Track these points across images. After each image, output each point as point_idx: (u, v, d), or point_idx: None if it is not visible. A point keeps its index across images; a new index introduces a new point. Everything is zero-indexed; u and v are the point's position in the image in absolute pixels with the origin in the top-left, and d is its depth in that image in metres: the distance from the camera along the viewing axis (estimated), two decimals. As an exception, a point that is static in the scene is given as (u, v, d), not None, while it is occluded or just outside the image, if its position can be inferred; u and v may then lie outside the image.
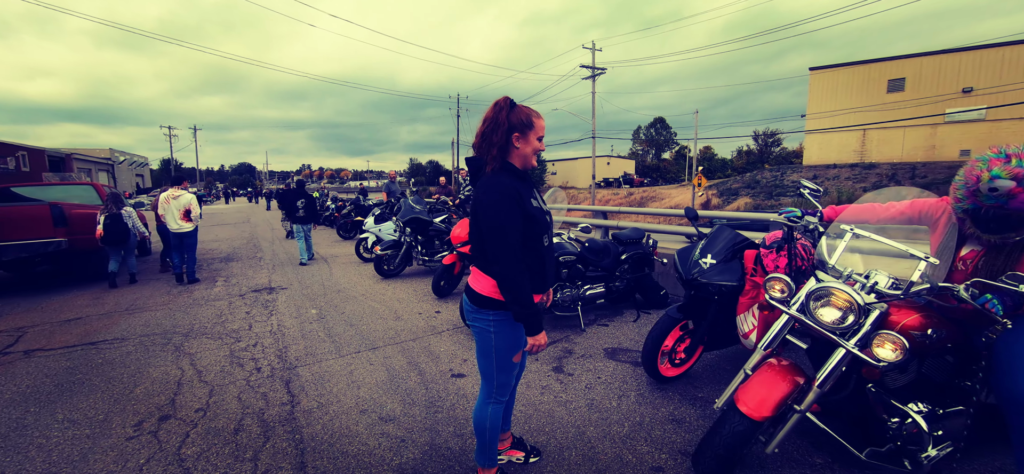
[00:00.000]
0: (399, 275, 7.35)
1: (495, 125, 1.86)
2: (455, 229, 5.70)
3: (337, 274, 7.78)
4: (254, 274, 8.01)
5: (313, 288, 6.73)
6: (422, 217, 6.92)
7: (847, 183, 30.01)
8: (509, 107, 1.89)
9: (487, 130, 1.87)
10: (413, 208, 7.04)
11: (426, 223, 6.97)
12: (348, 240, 12.61)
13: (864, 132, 33.22)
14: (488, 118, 1.88)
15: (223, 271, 8.38)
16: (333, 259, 9.40)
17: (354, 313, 5.32)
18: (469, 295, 1.98)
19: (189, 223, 7.26)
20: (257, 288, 6.83)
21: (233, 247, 11.89)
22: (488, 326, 1.93)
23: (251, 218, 22.85)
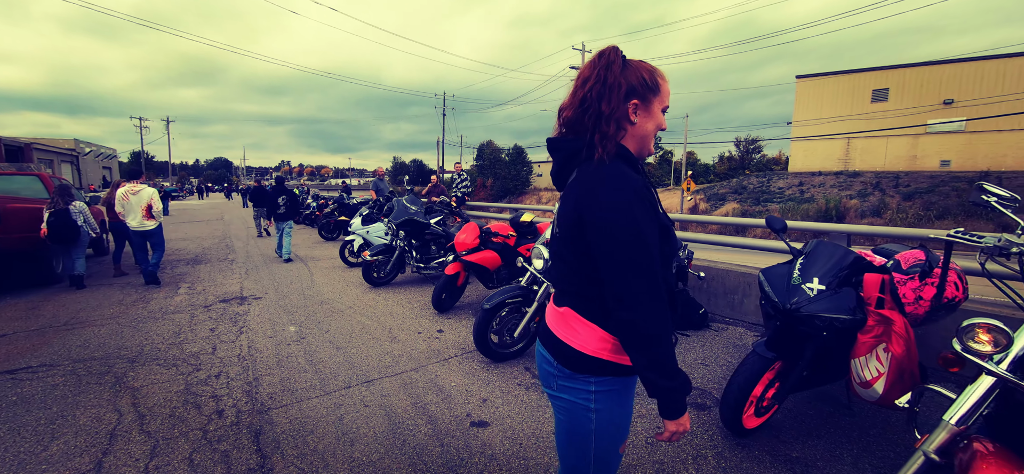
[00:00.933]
0: (390, 283, 6.55)
1: (605, 88, 1.15)
2: (460, 235, 4.95)
3: (319, 281, 6.93)
4: (224, 279, 7.09)
5: (292, 298, 5.88)
6: (418, 219, 6.14)
7: (833, 191, 30.28)
8: (622, 62, 1.18)
9: (592, 94, 1.16)
10: (408, 209, 6.26)
11: (422, 226, 6.20)
12: (331, 241, 11.69)
13: (848, 141, 33.66)
14: (590, 77, 1.18)
15: (189, 275, 7.42)
16: (314, 262, 8.51)
17: (341, 332, 4.51)
18: (553, 349, 1.26)
19: (152, 220, 6.61)
20: (226, 297, 5.94)
21: (203, 247, 10.84)
22: (588, 400, 1.22)
23: (225, 215, 21.54)
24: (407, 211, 6.22)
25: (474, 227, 4.97)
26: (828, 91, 34.08)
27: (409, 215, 6.14)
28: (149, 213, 6.54)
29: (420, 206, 6.36)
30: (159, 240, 6.77)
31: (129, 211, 6.48)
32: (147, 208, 6.53)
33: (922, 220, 22.46)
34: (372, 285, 6.41)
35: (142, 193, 6.55)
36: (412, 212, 6.21)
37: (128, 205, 6.47)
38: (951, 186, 26.36)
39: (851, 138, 32.92)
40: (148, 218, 6.55)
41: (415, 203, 6.38)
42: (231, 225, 16.68)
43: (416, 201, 6.42)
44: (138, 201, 6.49)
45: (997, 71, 27.88)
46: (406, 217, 6.13)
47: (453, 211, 9.25)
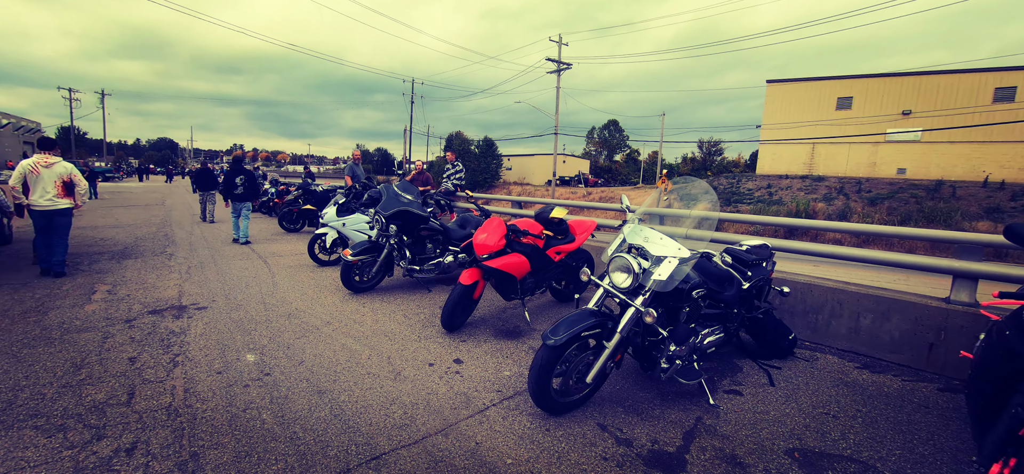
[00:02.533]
0: (374, 288, 5.32)
1: None
2: (480, 234, 3.83)
3: (284, 283, 5.58)
4: (158, 280, 5.59)
5: (249, 308, 4.54)
6: (414, 211, 4.94)
7: (800, 194, 31.03)
8: None
9: None
10: (400, 198, 5.04)
11: (418, 220, 5.01)
12: (293, 232, 10.15)
13: (813, 146, 34.69)
14: None
15: (111, 273, 5.85)
16: (275, 259, 7.08)
17: (321, 363, 3.29)
18: None
19: (67, 200, 5.59)
20: (159, 306, 4.52)
21: (136, 237, 9.06)
22: None
23: (167, 200, 19.13)
24: (399, 201, 5.00)
25: (500, 224, 3.85)
26: (796, 96, 34.96)
27: (403, 206, 4.93)
28: (66, 190, 5.53)
29: (415, 195, 5.15)
30: (63, 223, 5.62)
31: (37, 186, 5.36)
32: (63, 183, 5.50)
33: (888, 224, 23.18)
34: (353, 291, 5.15)
35: (57, 166, 5.50)
36: (406, 202, 5.00)
37: (37, 180, 5.36)
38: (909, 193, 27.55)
39: (816, 143, 33.96)
40: (64, 196, 5.53)
41: (409, 191, 5.17)
42: (173, 211, 14.60)
43: (410, 189, 5.21)
44: (51, 175, 5.43)
45: (952, 86, 29.37)
46: (399, 208, 4.91)
47: (445, 205, 8.06)
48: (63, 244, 5.66)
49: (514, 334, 4.05)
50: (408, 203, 4.96)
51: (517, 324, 4.31)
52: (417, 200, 5.04)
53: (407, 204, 4.94)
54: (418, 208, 4.95)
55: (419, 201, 5.05)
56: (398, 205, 4.90)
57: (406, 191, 5.13)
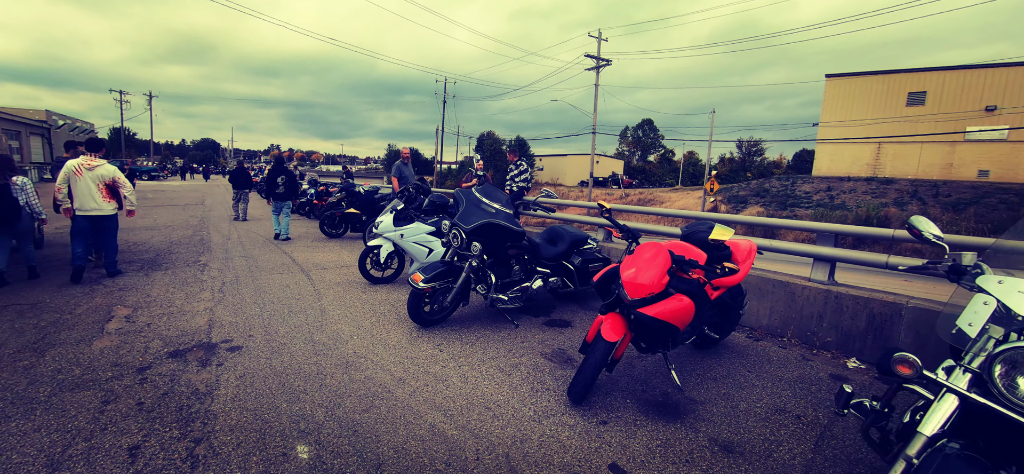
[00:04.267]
0: (445, 320, 4.19)
1: None
2: (629, 267, 2.62)
3: (333, 309, 4.53)
4: (187, 301, 4.65)
5: (294, 350, 3.48)
6: (507, 225, 3.76)
7: (866, 197, 28.47)
8: None
9: None
10: (485, 207, 3.88)
11: (511, 236, 3.84)
12: (336, 238, 9.23)
13: (879, 145, 31.88)
14: None
15: (135, 290, 4.96)
16: (319, 273, 6.09)
17: (409, 465, 2.16)
18: None
19: (112, 203, 5.39)
20: (182, 345, 3.52)
21: (170, 241, 8.32)
22: None
23: (206, 199, 18.84)
24: (485, 211, 3.83)
25: (660, 253, 2.61)
26: (859, 92, 32.19)
27: (490, 218, 3.76)
28: (110, 193, 5.35)
29: (506, 203, 3.96)
30: (110, 227, 5.45)
31: (79, 189, 5.13)
32: (107, 186, 5.31)
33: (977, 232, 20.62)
34: (421, 324, 4.03)
35: (100, 169, 5.26)
36: (494, 214, 3.82)
37: (79, 182, 5.13)
38: (997, 197, 24.67)
39: (883, 142, 31.15)
40: (109, 199, 5.34)
41: (495, 197, 3.99)
42: (211, 211, 14.07)
43: (496, 195, 4.03)
44: (94, 178, 5.21)
45: (1047, 78, 26.18)
46: (485, 220, 3.74)
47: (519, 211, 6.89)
48: (112, 245, 5.52)
49: (668, 409, 2.81)
50: (497, 214, 3.79)
51: (662, 388, 3.08)
52: (508, 209, 3.86)
53: (495, 216, 3.77)
54: (511, 221, 3.77)
55: (511, 211, 3.87)
56: (484, 217, 3.74)
57: (491, 198, 3.96)
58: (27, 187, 5.33)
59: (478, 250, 3.76)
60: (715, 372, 3.35)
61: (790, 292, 3.93)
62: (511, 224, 3.71)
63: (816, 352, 3.78)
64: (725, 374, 3.33)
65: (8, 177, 5.07)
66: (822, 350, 3.79)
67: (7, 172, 5.07)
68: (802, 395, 3.06)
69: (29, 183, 5.40)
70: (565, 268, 4.62)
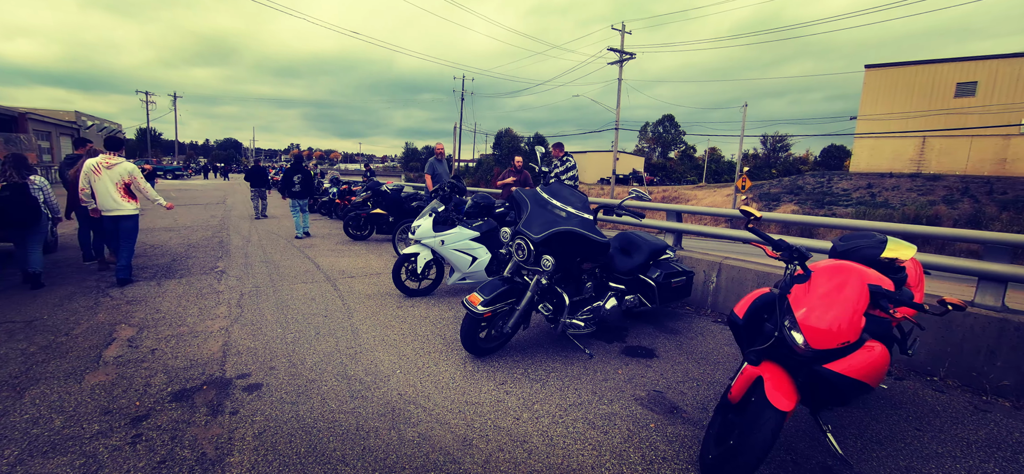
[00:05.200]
0: (505, 346, 3.45)
1: None
2: (813, 307, 1.80)
3: (367, 330, 3.85)
4: (200, 317, 4.02)
5: (324, 390, 2.80)
6: (586, 233, 2.98)
7: (910, 195, 26.84)
8: None
9: None
10: (556, 210, 3.12)
11: (591, 247, 3.07)
12: (361, 240, 8.61)
13: (924, 139, 30.06)
14: None
15: (144, 303, 4.37)
16: (346, 283, 5.43)
17: None
18: None
19: (132, 202, 5.17)
20: (190, 382, 2.87)
21: (188, 244, 7.81)
22: None
23: (228, 198, 18.56)
24: (559, 217, 3.07)
25: (855, 284, 1.79)
26: (901, 83, 30.39)
27: (566, 225, 2.99)
28: (128, 192, 5.14)
29: (582, 205, 3.18)
30: (130, 228, 5.18)
31: (98, 188, 4.95)
32: (125, 185, 5.10)
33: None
34: (476, 355, 3.31)
35: (119, 167, 5.06)
36: (570, 219, 3.05)
37: (99, 181, 4.95)
38: (1062, 195, 22.88)
39: (928, 136, 29.32)
40: (127, 198, 5.11)
41: (568, 198, 3.22)
42: (233, 210, 13.68)
43: (570, 195, 3.26)
44: (112, 177, 5.00)
45: (1117, 64, 24.14)
46: (559, 228, 2.98)
47: None
48: (129, 249, 5.21)
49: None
50: (572, 220, 3.02)
51: (820, 458, 2.28)
52: (587, 214, 3.08)
53: (570, 221, 3.00)
54: (591, 229, 2.99)
55: (590, 216, 3.09)
56: (557, 223, 2.98)
57: (563, 198, 3.19)
58: (45, 187, 5.14)
59: (550, 265, 3.00)
60: (873, 431, 2.53)
61: (945, 319, 3.08)
62: (592, 233, 2.94)
63: (989, 400, 2.92)
64: (888, 434, 2.51)
65: (26, 176, 4.87)
66: (997, 396, 2.93)
67: (24, 171, 4.88)
68: (1013, 468, 2.23)
69: (47, 183, 5.18)
70: (643, 283, 3.84)
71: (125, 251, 5.14)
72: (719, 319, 4.43)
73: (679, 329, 4.13)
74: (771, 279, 4.15)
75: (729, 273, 4.46)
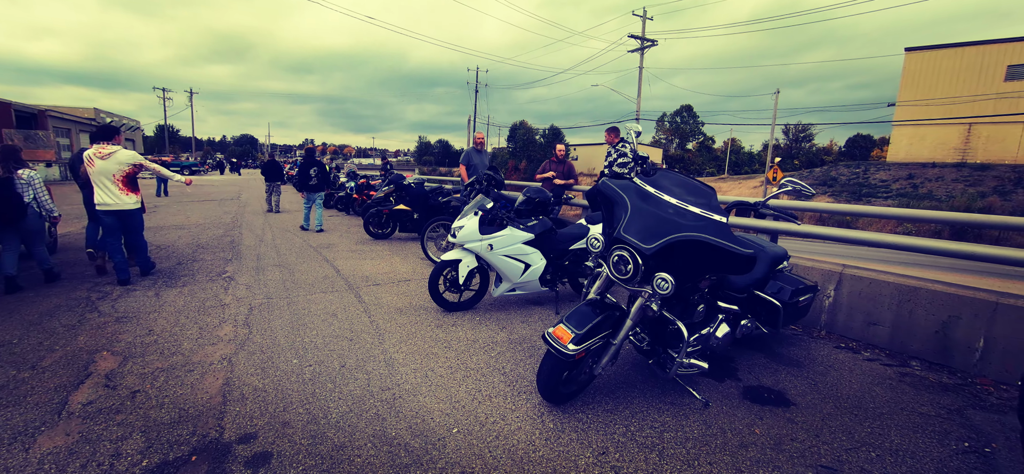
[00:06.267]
0: (587, 389, 2.60)
1: None
2: None
3: (401, 356, 3.05)
4: (200, 338, 3.27)
5: (362, 457, 2.00)
6: (721, 243, 2.10)
7: (957, 186, 25.22)
8: None
9: None
10: (675, 209, 2.25)
11: (728, 261, 2.18)
12: (382, 239, 7.85)
13: (970, 127, 28.25)
14: None
15: (137, 319, 3.63)
16: (372, 292, 4.64)
17: None
18: None
19: (132, 195, 4.76)
20: (178, 437, 2.10)
21: (197, 244, 7.13)
22: None
23: (243, 193, 18.05)
24: (676, 220, 2.19)
25: None
26: (946, 67, 28.56)
27: (692, 230, 2.10)
28: (128, 184, 4.71)
29: (709, 202, 2.28)
30: (136, 224, 4.84)
31: (95, 182, 4.60)
32: (125, 176, 4.68)
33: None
34: (554, 403, 2.47)
35: (116, 155, 4.63)
36: (697, 223, 2.16)
37: (95, 173, 4.57)
38: None
39: (975, 123, 27.51)
40: (127, 191, 4.70)
41: (687, 192, 2.34)
42: (247, 207, 13.08)
43: (689, 185, 2.38)
44: (107, 168, 4.58)
45: None
46: (683, 235, 2.10)
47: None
48: (141, 243, 4.98)
49: None
50: (699, 224, 2.14)
51: None
52: (719, 214, 2.19)
53: (697, 227, 2.12)
54: (727, 237, 2.10)
55: (724, 219, 2.19)
56: (683, 230, 2.10)
57: (679, 194, 2.31)
58: (34, 181, 4.68)
59: (668, 288, 2.13)
60: None
61: None
62: (731, 243, 2.06)
63: None
64: None
65: (13, 170, 4.45)
66: None
67: (12, 164, 4.46)
68: None
69: (38, 177, 4.74)
70: (762, 303, 2.95)
71: (140, 246, 4.97)
72: (843, 345, 3.52)
73: (798, 359, 3.23)
74: (920, 296, 3.21)
75: (854, 286, 3.53)
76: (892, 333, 3.35)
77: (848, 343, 3.54)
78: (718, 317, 2.76)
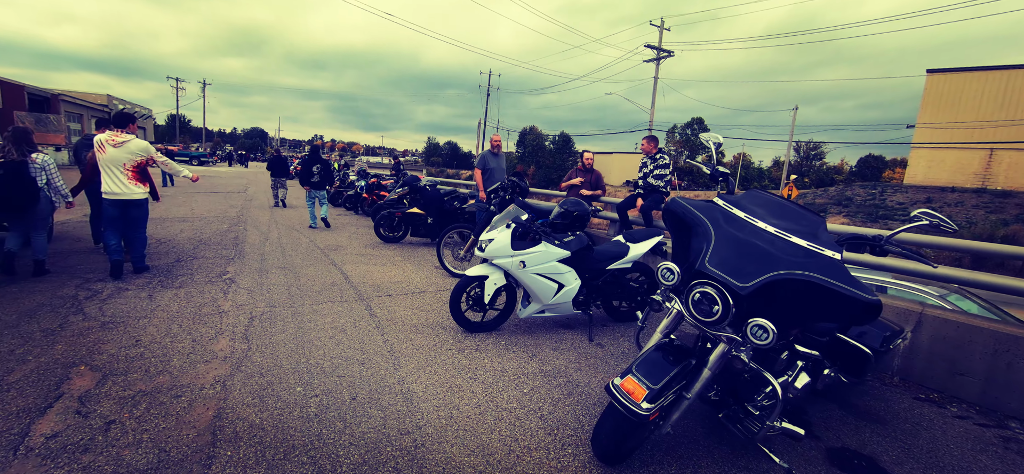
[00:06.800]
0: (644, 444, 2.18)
1: None
2: None
3: (421, 387, 2.64)
4: (191, 355, 2.87)
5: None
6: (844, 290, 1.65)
7: (978, 212, 24.59)
8: None
9: None
10: (772, 239, 1.83)
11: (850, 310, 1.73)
12: (393, 242, 7.46)
13: (991, 152, 27.64)
14: None
15: (121, 328, 3.24)
16: (382, 300, 4.23)
17: None
18: None
19: (141, 186, 4.57)
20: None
21: (199, 239, 6.77)
22: None
23: (250, 187, 17.76)
24: (775, 254, 1.76)
25: None
26: (968, 90, 27.98)
27: (806, 271, 1.67)
28: (138, 174, 4.56)
29: (810, 230, 1.85)
30: (139, 216, 4.64)
31: (103, 168, 4.42)
32: (136, 167, 4.53)
33: None
34: (608, 463, 2.05)
35: (129, 145, 4.47)
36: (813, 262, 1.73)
37: (105, 160, 4.40)
38: None
39: (998, 148, 26.90)
40: (136, 181, 4.54)
41: (797, 222, 1.91)
42: (253, 201, 12.75)
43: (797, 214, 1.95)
44: (119, 156, 4.41)
45: None
46: (796, 275, 1.68)
47: None
48: (141, 238, 4.74)
49: None
50: (810, 261, 1.70)
51: None
52: (831, 248, 1.75)
53: (809, 264, 1.69)
54: (846, 279, 1.65)
55: (839, 255, 1.73)
56: (790, 267, 1.67)
57: (777, 221, 1.88)
58: (49, 166, 4.50)
59: (769, 337, 1.71)
60: None
61: None
62: (852, 287, 1.63)
63: None
64: None
65: (27, 153, 4.29)
66: None
67: (25, 147, 4.29)
68: None
69: (52, 162, 4.54)
70: (848, 349, 2.51)
71: (138, 241, 4.71)
72: (923, 396, 3.07)
73: (878, 414, 2.79)
74: (1023, 347, 2.77)
75: (937, 330, 3.08)
76: (984, 387, 2.91)
77: (928, 395, 3.09)
78: (797, 364, 2.33)
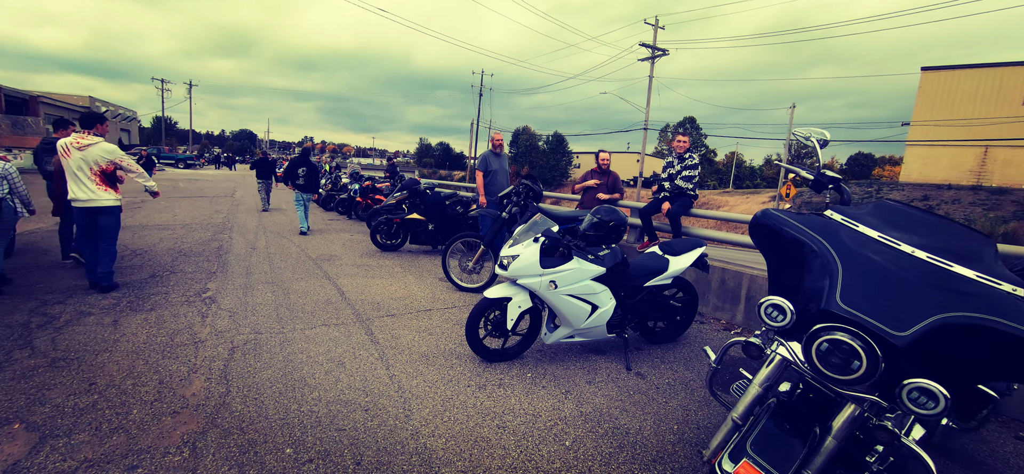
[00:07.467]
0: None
1: None
2: None
3: (438, 442, 2.13)
4: (158, 402, 2.34)
5: None
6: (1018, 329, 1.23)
7: (975, 210, 24.60)
8: None
9: None
10: (932, 268, 1.36)
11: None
12: (391, 251, 6.92)
13: (986, 149, 27.71)
14: None
15: (79, 362, 2.69)
16: (384, 322, 3.71)
17: None
18: None
19: (111, 193, 4.22)
20: None
21: (179, 250, 6.18)
22: None
23: (238, 191, 17.06)
24: (960, 294, 1.30)
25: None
26: (963, 88, 28.02)
27: (992, 316, 1.22)
28: (106, 180, 4.20)
29: (975, 251, 1.41)
30: (110, 224, 4.24)
31: (69, 173, 4.10)
32: (102, 171, 4.17)
33: None
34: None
35: (93, 148, 4.12)
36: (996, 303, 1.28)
37: (70, 164, 4.06)
38: None
39: (992, 146, 26.96)
40: (104, 186, 4.18)
41: (956, 243, 1.46)
42: (240, 205, 12.13)
43: (951, 230, 1.49)
44: (85, 159, 4.07)
45: None
46: (976, 319, 1.22)
47: None
48: (110, 251, 4.30)
49: None
50: (993, 302, 1.25)
51: None
52: (1008, 281, 1.32)
53: (994, 306, 1.23)
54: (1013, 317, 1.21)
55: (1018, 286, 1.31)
56: (952, 307, 1.21)
57: (924, 239, 1.43)
58: (10, 173, 4.16)
59: (939, 406, 1.23)
60: None
61: None
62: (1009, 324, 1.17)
63: None
64: None
65: None
66: None
67: None
68: None
69: (13, 168, 4.22)
70: (970, 394, 2.05)
71: (106, 254, 4.24)
72: (1022, 436, 2.63)
73: (989, 464, 2.34)
74: None
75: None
76: (1102, 425, 2.47)
77: (1031, 432, 2.65)
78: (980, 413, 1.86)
